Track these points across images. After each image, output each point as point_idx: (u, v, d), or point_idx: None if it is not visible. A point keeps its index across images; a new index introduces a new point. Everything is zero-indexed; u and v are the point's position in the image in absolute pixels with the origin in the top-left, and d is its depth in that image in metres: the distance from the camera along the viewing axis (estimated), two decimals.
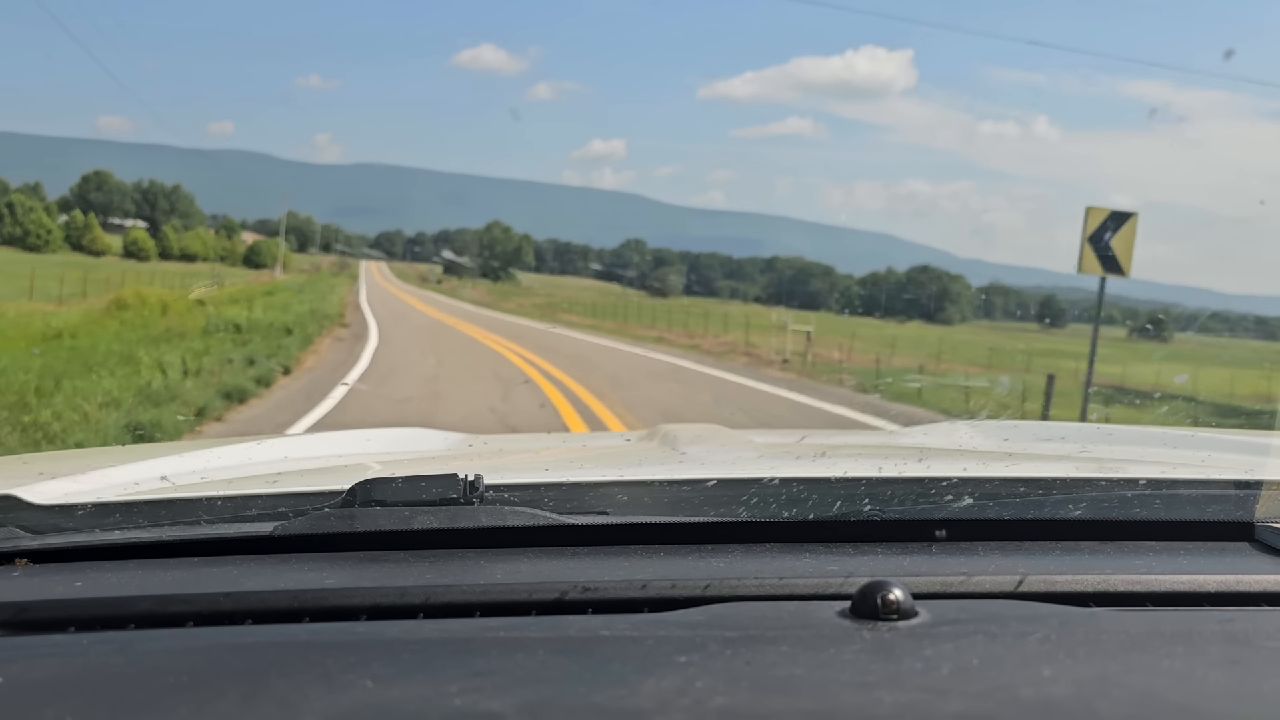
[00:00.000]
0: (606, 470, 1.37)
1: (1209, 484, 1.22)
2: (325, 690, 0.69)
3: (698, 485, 1.16)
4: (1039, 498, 1.15)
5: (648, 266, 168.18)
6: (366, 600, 0.89)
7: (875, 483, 1.16)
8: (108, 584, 0.94)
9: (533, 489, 1.15)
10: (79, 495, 1.18)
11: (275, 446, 1.68)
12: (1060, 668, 0.71)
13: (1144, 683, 0.70)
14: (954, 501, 1.12)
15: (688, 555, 1.04)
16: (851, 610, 0.82)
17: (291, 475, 1.37)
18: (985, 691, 0.67)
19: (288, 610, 0.88)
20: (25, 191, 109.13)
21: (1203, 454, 1.53)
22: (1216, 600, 0.93)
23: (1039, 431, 1.93)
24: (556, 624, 0.83)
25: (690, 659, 0.72)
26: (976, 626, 0.79)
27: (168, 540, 1.06)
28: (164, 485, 1.29)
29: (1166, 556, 1.05)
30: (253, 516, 1.09)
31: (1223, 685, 0.70)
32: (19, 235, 79.72)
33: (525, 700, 0.67)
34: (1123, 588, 0.93)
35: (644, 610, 0.87)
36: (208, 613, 0.87)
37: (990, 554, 1.05)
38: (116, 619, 0.86)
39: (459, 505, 1.07)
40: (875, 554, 1.05)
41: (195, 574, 0.98)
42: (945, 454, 1.59)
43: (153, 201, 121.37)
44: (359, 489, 1.08)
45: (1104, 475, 1.23)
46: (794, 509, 1.11)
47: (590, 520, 1.09)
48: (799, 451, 1.72)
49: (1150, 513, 1.13)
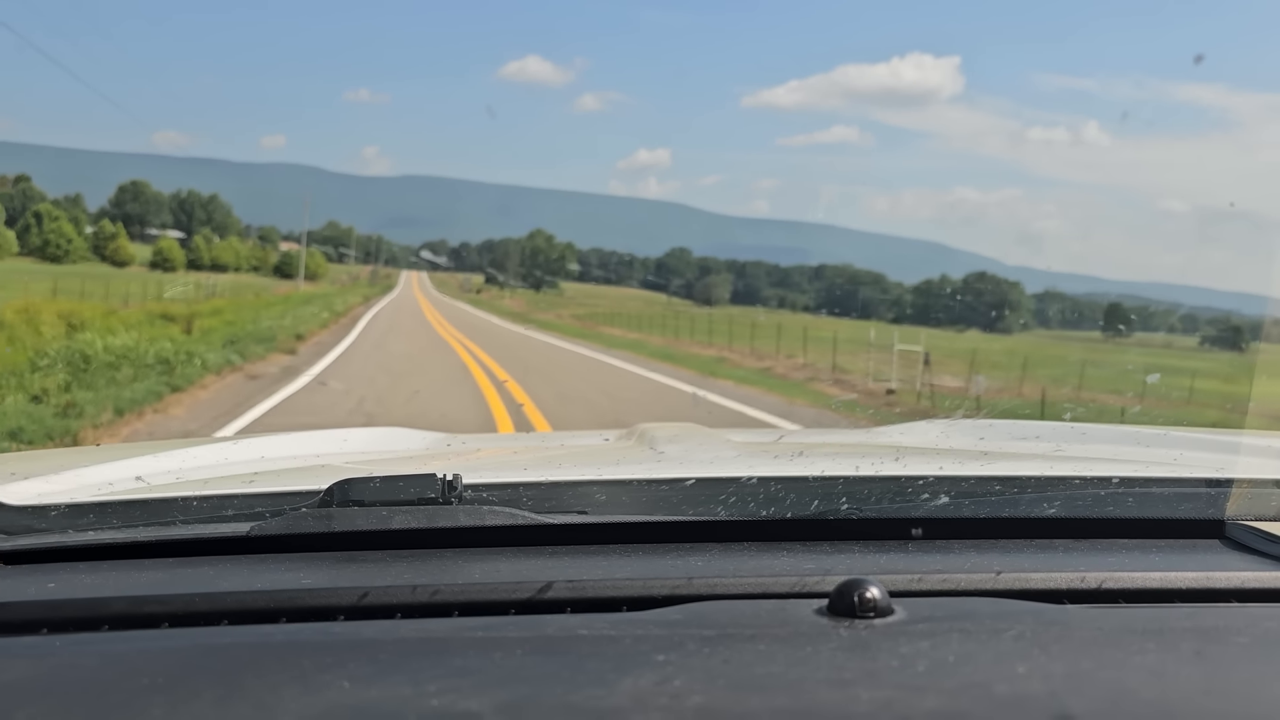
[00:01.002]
0: (585, 469, 1.37)
1: (1181, 482, 1.24)
2: (302, 691, 0.69)
3: (676, 484, 1.17)
4: (1014, 496, 1.16)
5: (693, 275, 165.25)
6: (344, 600, 0.89)
7: (852, 481, 1.18)
8: (82, 585, 0.94)
9: (511, 488, 1.16)
10: (52, 496, 1.18)
11: (252, 446, 1.67)
12: (1034, 664, 0.72)
13: (1116, 679, 0.70)
14: (930, 500, 1.13)
15: (666, 554, 1.04)
16: (829, 608, 0.83)
17: (268, 475, 1.36)
18: (961, 688, 0.68)
19: (264, 611, 0.88)
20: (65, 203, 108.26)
21: (1175, 453, 1.56)
22: (1188, 597, 0.94)
23: (1014, 430, 1.93)
24: (535, 623, 0.84)
25: (668, 658, 0.73)
26: (952, 624, 0.80)
27: (143, 541, 1.05)
28: (139, 485, 1.28)
29: (1139, 554, 1.06)
30: (229, 517, 1.09)
31: (1193, 681, 0.71)
32: (39, 245, 78.41)
33: (503, 700, 0.67)
34: (1096, 585, 0.94)
35: (622, 609, 0.88)
36: (183, 614, 0.87)
37: (966, 552, 1.06)
38: (90, 620, 0.86)
39: (437, 505, 1.07)
40: (852, 552, 1.06)
41: (171, 575, 0.97)
42: (921, 453, 1.64)
43: (190, 211, 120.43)
44: (336, 489, 1.08)
45: (1078, 474, 1.23)
46: (772, 508, 1.12)
47: (568, 519, 1.10)
48: (777, 450, 1.72)
49: (1123, 510, 1.15)
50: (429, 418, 10.79)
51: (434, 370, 18.17)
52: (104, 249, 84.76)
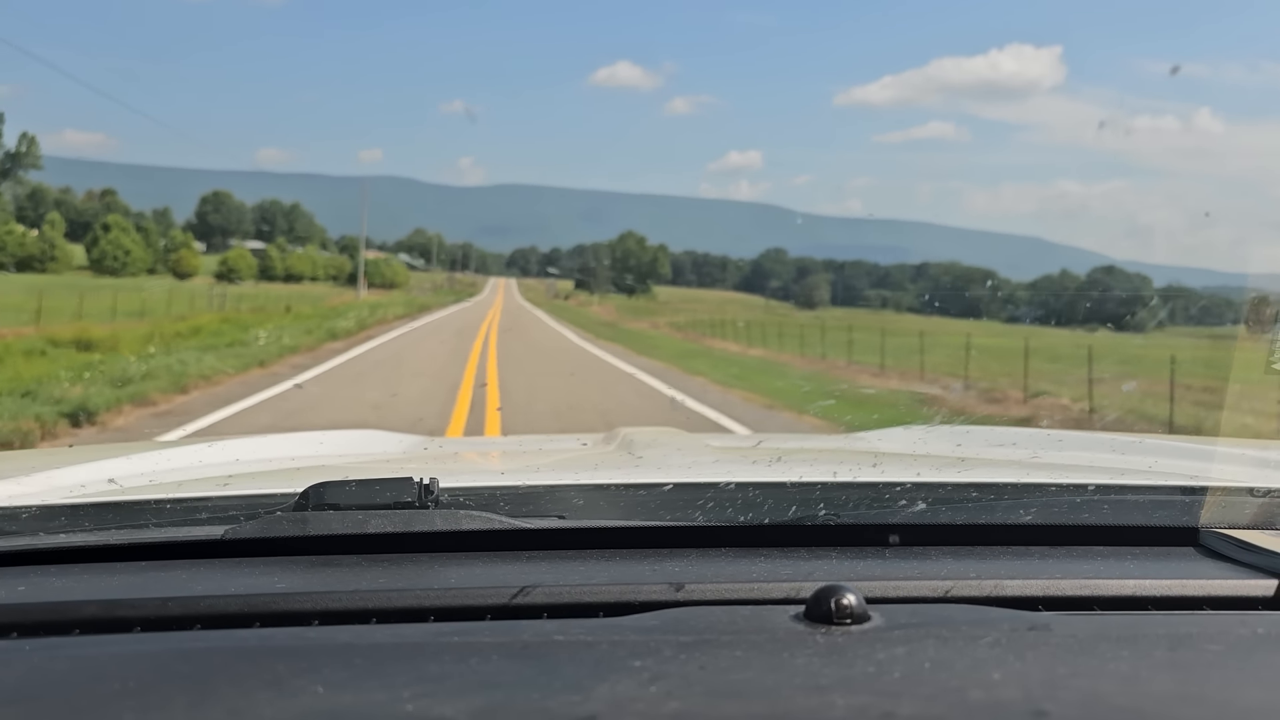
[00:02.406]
0: (563, 474, 1.37)
1: (1156, 490, 1.26)
2: (275, 696, 0.68)
3: (654, 489, 1.17)
4: (990, 502, 1.17)
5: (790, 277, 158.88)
6: (318, 605, 0.88)
7: (830, 487, 1.18)
8: (52, 589, 0.93)
9: (488, 492, 1.16)
10: (23, 498, 1.17)
11: (226, 448, 1.65)
12: (1009, 671, 0.72)
13: (1090, 685, 0.71)
14: (907, 506, 1.13)
15: (643, 559, 1.04)
16: (805, 615, 0.83)
17: (243, 478, 1.35)
18: (936, 694, 0.69)
19: (238, 615, 0.87)
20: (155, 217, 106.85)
21: (1150, 460, 1.55)
22: (1162, 604, 0.94)
23: (991, 437, 1.93)
24: (511, 629, 0.83)
25: (644, 663, 0.73)
26: (928, 631, 0.80)
27: (115, 544, 1.04)
28: (111, 488, 1.28)
29: (1114, 561, 1.06)
30: (203, 520, 1.08)
31: (1167, 688, 0.72)
32: (97, 258, 75.82)
33: (478, 706, 0.67)
34: (1071, 592, 0.95)
35: (599, 615, 0.88)
36: (156, 618, 0.86)
37: (942, 558, 1.06)
38: (61, 624, 0.85)
39: (413, 509, 1.06)
40: (829, 558, 1.05)
41: (143, 578, 0.96)
42: (899, 459, 1.63)
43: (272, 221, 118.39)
44: (312, 492, 1.06)
45: (1054, 480, 1.25)
46: (750, 513, 1.11)
47: (546, 524, 1.09)
48: (755, 456, 1.69)
49: (1098, 518, 1.15)
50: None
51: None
52: (168, 260, 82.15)
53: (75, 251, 78.40)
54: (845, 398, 16.18)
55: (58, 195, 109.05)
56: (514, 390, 14.50)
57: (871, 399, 16.15)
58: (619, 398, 14.42)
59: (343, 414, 11.43)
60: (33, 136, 77.22)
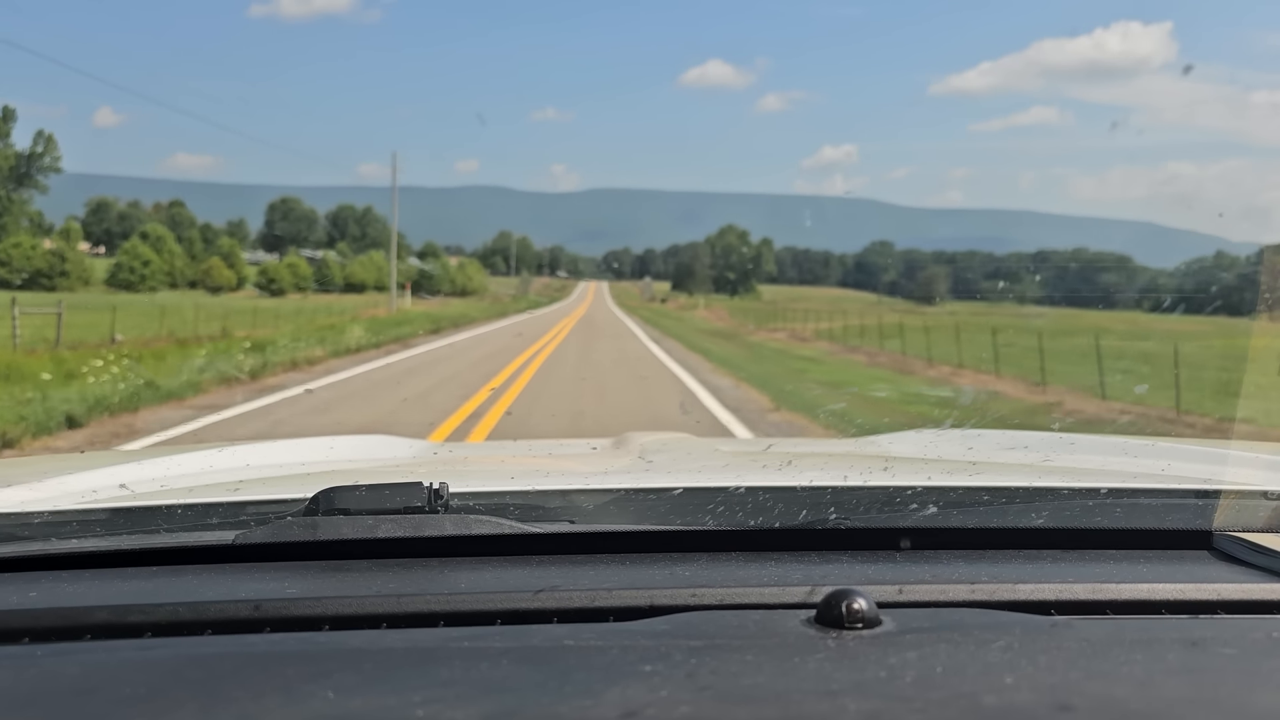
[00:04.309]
0: (572, 479, 1.37)
1: (1169, 493, 1.24)
2: (285, 701, 0.68)
3: (664, 494, 1.17)
4: (1002, 506, 1.16)
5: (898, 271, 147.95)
6: (329, 610, 0.88)
7: (840, 491, 1.17)
8: (64, 594, 0.93)
9: (498, 497, 1.16)
10: (35, 503, 1.17)
11: (237, 454, 1.66)
12: (1022, 675, 0.72)
13: (1104, 690, 0.70)
14: (918, 510, 1.12)
15: (653, 564, 1.03)
16: (816, 619, 0.83)
17: (253, 483, 1.35)
18: (948, 699, 0.68)
19: (248, 620, 0.87)
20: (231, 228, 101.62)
21: (1163, 464, 1.54)
22: (1176, 608, 0.94)
23: (1003, 440, 1.92)
24: (521, 633, 0.83)
25: (655, 668, 0.73)
26: (940, 635, 0.80)
27: (126, 549, 1.04)
28: (123, 493, 1.28)
29: (1127, 564, 1.05)
30: (213, 525, 1.08)
31: (1181, 692, 0.71)
32: (114, 271, 71.50)
33: (489, 711, 0.67)
34: (1084, 595, 0.94)
35: (609, 619, 0.88)
36: (166, 623, 0.86)
37: (954, 562, 1.05)
38: (73, 630, 0.85)
39: (423, 514, 1.06)
40: (840, 563, 1.05)
41: (154, 584, 0.96)
42: (910, 463, 1.61)
43: (343, 227, 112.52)
44: (322, 497, 1.06)
45: (1066, 484, 1.24)
46: (760, 518, 1.10)
47: (555, 529, 1.08)
48: (765, 460, 1.67)
49: (1111, 521, 1.14)
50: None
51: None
52: (199, 271, 76.40)
53: (98, 265, 73.36)
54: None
55: (123, 209, 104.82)
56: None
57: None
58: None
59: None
60: (50, 135, 71.41)
